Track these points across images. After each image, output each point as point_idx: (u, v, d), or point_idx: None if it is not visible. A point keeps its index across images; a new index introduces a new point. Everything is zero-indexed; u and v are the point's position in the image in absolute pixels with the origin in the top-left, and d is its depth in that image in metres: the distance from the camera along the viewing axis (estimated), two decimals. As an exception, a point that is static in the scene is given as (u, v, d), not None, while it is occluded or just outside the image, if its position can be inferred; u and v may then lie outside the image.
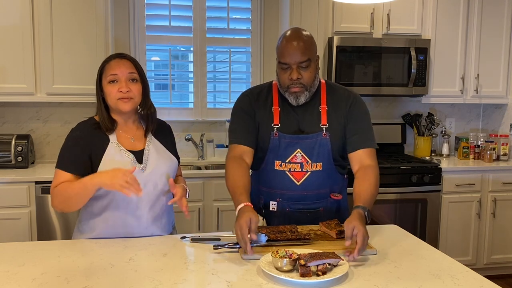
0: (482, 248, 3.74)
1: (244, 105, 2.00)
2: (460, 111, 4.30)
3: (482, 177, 3.69)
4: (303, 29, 1.92)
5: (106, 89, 1.82)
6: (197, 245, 1.74)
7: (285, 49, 1.84)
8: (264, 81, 3.91)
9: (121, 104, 1.82)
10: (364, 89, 3.66)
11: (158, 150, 1.92)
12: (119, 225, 1.83)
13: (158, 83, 4.01)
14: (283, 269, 1.45)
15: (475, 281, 1.44)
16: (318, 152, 1.91)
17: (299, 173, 1.92)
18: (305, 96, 1.89)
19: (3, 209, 3.03)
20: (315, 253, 1.48)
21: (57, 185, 1.78)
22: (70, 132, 1.87)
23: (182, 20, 3.83)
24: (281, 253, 1.48)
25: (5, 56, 3.19)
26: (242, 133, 1.95)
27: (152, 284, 1.40)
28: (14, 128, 3.58)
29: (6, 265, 1.54)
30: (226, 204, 3.31)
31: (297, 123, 1.94)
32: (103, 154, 1.80)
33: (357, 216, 1.62)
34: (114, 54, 1.92)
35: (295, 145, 1.91)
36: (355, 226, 1.56)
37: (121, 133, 1.88)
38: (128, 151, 1.84)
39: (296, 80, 1.84)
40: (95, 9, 3.28)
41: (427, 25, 3.77)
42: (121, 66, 1.82)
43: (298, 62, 1.82)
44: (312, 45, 1.87)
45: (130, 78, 1.83)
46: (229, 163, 1.89)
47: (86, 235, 1.86)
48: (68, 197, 1.76)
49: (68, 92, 3.30)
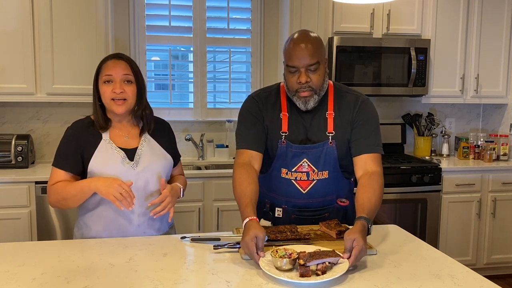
0: (482, 248, 3.74)
1: (252, 109, 1.94)
2: (460, 111, 4.30)
3: (482, 177, 3.69)
4: (311, 31, 1.86)
5: (101, 88, 1.85)
6: (197, 245, 1.74)
7: (293, 52, 1.78)
8: (264, 81, 3.92)
9: (114, 105, 1.84)
10: (364, 89, 3.65)
11: (153, 148, 1.92)
12: (111, 222, 1.86)
13: (158, 83, 4.01)
14: (282, 268, 1.45)
15: (475, 281, 1.44)
16: (324, 161, 1.88)
17: (305, 181, 1.90)
18: (314, 100, 1.84)
19: (3, 209, 3.03)
20: (315, 252, 1.47)
21: (54, 183, 1.84)
22: (66, 130, 1.91)
23: (182, 20, 3.83)
24: (280, 253, 1.47)
25: (5, 56, 3.19)
26: (251, 138, 1.90)
27: (152, 284, 1.40)
28: (14, 128, 3.58)
29: (6, 265, 1.54)
30: (226, 204, 3.30)
31: (305, 130, 1.90)
32: (94, 151, 1.84)
33: (360, 229, 1.55)
34: (111, 54, 1.94)
35: (301, 154, 1.88)
36: (356, 239, 1.50)
37: (115, 131, 1.90)
38: (119, 149, 1.86)
39: (305, 83, 1.79)
40: (95, 9, 3.28)
41: (427, 25, 3.77)
42: (116, 67, 1.84)
43: (306, 65, 1.77)
44: (321, 48, 1.81)
45: (125, 80, 1.85)
46: (237, 170, 1.83)
47: (82, 230, 1.90)
48: (64, 197, 1.82)
49: (68, 92, 3.30)
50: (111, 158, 1.84)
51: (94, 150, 1.84)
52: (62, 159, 1.86)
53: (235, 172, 1.84)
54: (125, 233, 1.86)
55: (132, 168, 1.85)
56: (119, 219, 1.86)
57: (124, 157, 1.85)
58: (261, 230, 1.55)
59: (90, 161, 1.83)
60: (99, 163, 1.83)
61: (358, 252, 1.48)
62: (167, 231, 1.99)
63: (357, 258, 1.49)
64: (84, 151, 1.85)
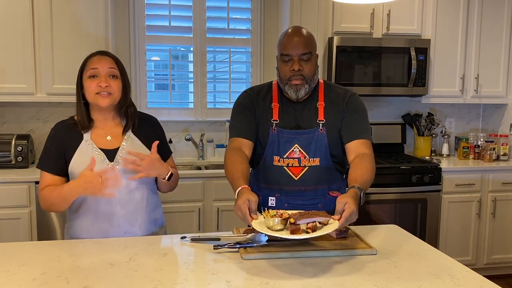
0: (482, 248, 3.74)
1: (244, 101, 2.05)
2: (460, 111, 4.30)
3: (482, 177, 3.69)
4: (304, 27, 1.99)
5: (86, 83, 1.82)
6: (197, 245, 1.74)
7: (287, 42, 1.90)
8: (264, 81, 3.92)
9: (100, 98, 1.81)
10: (364, 89, 3.66)
11: (135, 147, 1.88)
12: (93, 222, 1.85)
13: (158, 83, 4.01)
14: (274, 228, 1.51)
15: (475, 281, 1.44)
16: (315, 147, 1.95)
17: (297, 168, 1.96)
18: (305, 90, 1.93)
19: (3, 209, 3.03)
20: (305, 212, 1.54)
21: (43, 188, 1.84)
22: (49, 132, 1.90)
23: (182, 20, 3.83)
24: (271, 213, 1.54)
25: (5, 56, 3.19)
26: (242, 127, 1.99)
27: (152, 284, 1.40)
28: (14, 128, 3.58)
29: (6, 265, 1.54)
30: (226, 204, 3.31)
31: (295, 119, 1.98)
32: (75, 152, 1.83)
33: (352, 194, 1.61)
34: (96, 51, 1.91)
35: (292, 140, 1.95)
36: (348, 202, 1.55)
37: (97, 131, 1.88)
38: (99, 149, 1.84)
39: (297, 71, 1.89)
40: (95, 9, 3.28)
41: (427, 25, 3.77)
42: (102, 61, 1.83)
43: (300, 54, 1.88)
44: (313, 41, 1.94)
45: (110, 74, 1.83)
46: (228, 153, 1.91)
47: (69, 232, 1.91)
48: (52, 203, 1.83)
49: (68, 92, 3.26)
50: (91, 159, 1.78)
51: (75, 151, 1.83)
52: (46, 161, 1.86)
53: (226, 156, 1.90)
54: (107, 233, 1.84)
55: (112, 168, 1.82)
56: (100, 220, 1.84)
57: (104, 158, 1.83)
58: (253, 194, 1.62)
59: (70, 162, 1.83)
60: (79, 164, 1.80)
61: (348, 214, 1.53)
62: (155, 231, 1.96)
63: (347, 220, 1.54)
64: (66, 152, 1.84)
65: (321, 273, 1.48)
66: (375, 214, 3.49)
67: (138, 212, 1.89)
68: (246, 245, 1.65)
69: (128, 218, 1.86)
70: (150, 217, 1.93)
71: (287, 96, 1.99)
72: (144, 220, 1.91)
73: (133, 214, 1.87)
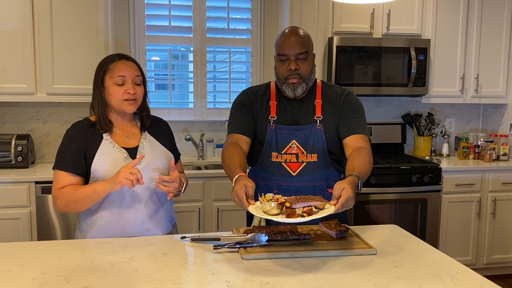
0: (482, 248, 3.74)
1: (242, 100, 2.09)
2: (460, 111, 4.30)
3: (482, 177, 3.69)
4: (300, 27, 2.02)
5: (112, 90, 1.84)
6: (197, 245, 1.74)
7: (284, 42, 1.94)
8: (264, 81, 3.92)
9: (127, 105, 1.85)
10: (364, 89, 3.66)
11: (153, 146, 1.94)
12: (115, 221, 1.86)
13: (158, 83, 4.01)
14: (270, 212, 1.53)
15: (475, 281, 1.45)
16: (313, 143, 1.97)
17: (294, 163, 1.98)
18: (302, 88, 1.97)
19: (3, 209, 3.03)
20: (301, 197, 1.55)
21: (62, 187, 1.83)
22: (66, 132, 1.91)
23: (182, 20, 3.83)
24: (268, 197, 1.56)
25: (5, 56, 3.19)
26: (240, 124, 2.03)
27: (152, 284, 1.40)
28: (14, 128, 3.58)
29: (6, 265, 1.54)
30: (226, 204, 3.31)
31: (293, 116, 2.02)
32: (97, 151, 1.84)
33: (350, 181, 1.62)
34: (116, 54, 1.93)
35: (290, 136, 1.98)
36: (345, 188, 1.55)
37: (116, 131, 1.91)
38: (121, 148, 1.87)
39: (294, 70, 1.93)
40: (95, 9, 3.28)
41: (427, 25, 3.77)
42: (129, 68, 1.86)
43: (296, 53, 1.92)
44: (310, 41, 1.98)
45: (135, 81, 1.87)
46: (225, 147, 1.95)
47: (85, 232, 1.89)
48: (75, 199, 1.80)
49: (68, 92, 3.30)
50: (114, 157, 1.85)
51: (96, 150, 1.85)
52: (65, 161, 1.84)
53: (223, 150, 1.94)
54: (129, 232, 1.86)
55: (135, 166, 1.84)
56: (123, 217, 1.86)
57: (126, 156, 1.87)
58: (250, 181, 1.64)
59: (93, 161, 1.83)
60: (102, 163, 1.83)
61: (345, 199, 1.54)
62: (170, 230, 2.00)
63: (344, 206, 1.54)
64: (86, 151, 1.85)
65: (321, 273, 1.48)
66: (375, 214, 3.49)
67: (159, 210, 1.93)
68: (246, 245, 1.65)
69: (150, 215, 1.89)
70: (167, 214, 1.98)
71: (285, 95, 2.02)
72: (163, 218, 1.95)
73: (153, 211, 1.90)
